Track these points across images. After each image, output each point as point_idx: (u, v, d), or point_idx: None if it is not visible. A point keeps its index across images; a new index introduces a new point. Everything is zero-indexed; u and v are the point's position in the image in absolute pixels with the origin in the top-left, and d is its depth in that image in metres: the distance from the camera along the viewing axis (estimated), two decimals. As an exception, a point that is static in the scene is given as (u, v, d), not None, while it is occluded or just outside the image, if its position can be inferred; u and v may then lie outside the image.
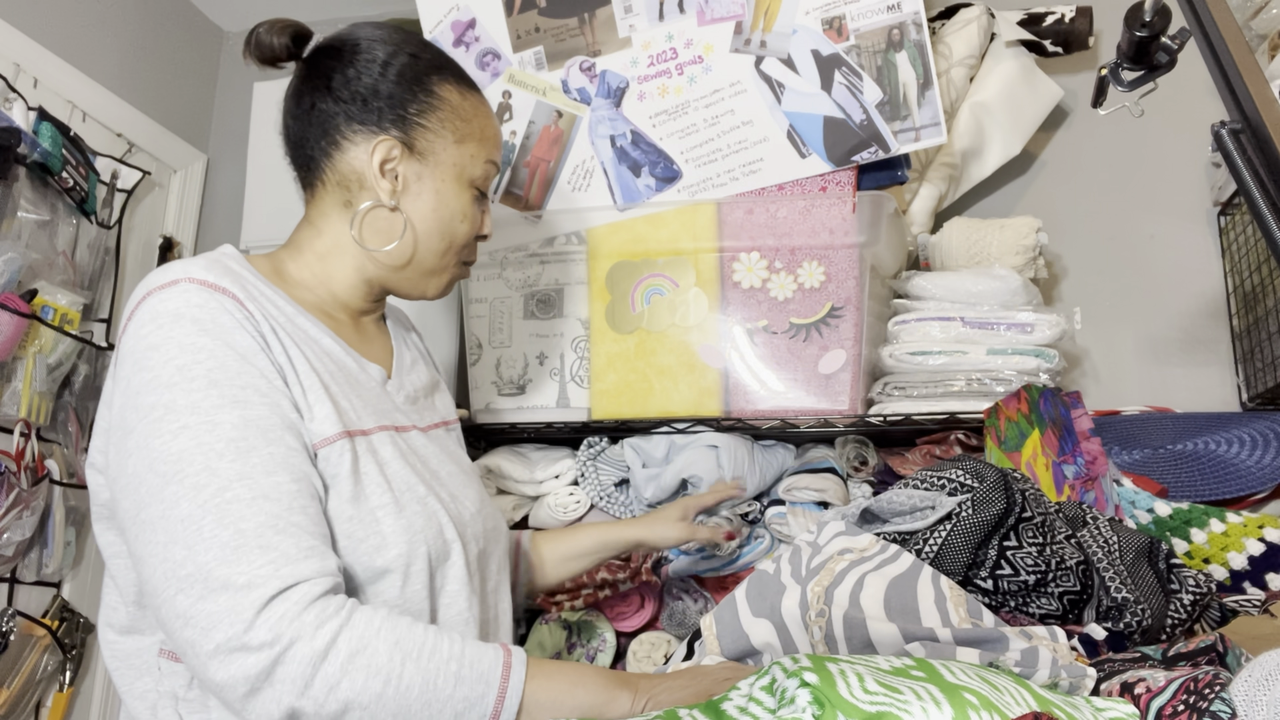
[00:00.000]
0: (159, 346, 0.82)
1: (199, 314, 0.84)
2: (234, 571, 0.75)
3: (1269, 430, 1.46)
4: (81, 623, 1.97)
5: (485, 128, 1.07)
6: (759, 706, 0.61)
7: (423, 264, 1.04)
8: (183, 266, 0.88)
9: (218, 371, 0.82)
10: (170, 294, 0.84)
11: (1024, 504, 0.97)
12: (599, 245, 1.60)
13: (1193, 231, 1.80)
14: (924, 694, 0.59)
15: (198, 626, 0.75)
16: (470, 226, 1.05)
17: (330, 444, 0.87)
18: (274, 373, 0.86)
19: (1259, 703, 0.59)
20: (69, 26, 2.05)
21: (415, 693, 0.77)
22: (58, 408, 1.94)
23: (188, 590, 0.76)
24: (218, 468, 0.78)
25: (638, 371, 1.56)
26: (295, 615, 0.76)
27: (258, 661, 0.74)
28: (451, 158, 1.03)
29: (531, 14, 1.59)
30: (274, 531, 0.78)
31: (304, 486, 0.82)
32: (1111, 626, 0.91)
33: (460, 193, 1.03)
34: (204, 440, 0.79)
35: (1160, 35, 1.04)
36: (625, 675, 0.87)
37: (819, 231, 1.50)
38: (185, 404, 0.80)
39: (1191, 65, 1.08)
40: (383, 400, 0.99)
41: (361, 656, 0.76)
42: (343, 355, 0.98)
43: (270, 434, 0.82)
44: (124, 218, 2.15)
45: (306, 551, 0.79)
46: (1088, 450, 1.34)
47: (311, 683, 0.75)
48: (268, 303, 0.92)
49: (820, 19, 1.47)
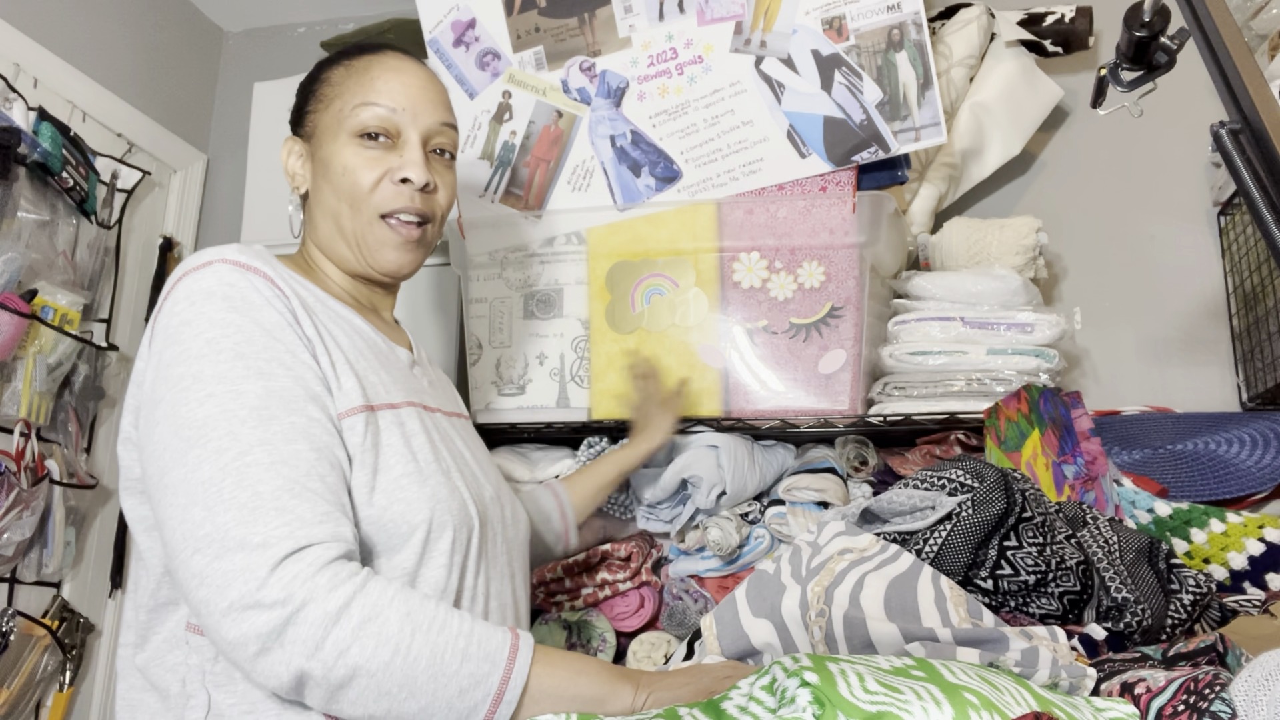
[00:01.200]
0: (191, 322, 0.86)
1: (229, 291, 0.87)
2: (249, 531, 0.77)
3: (1269, 430, 1.46)
4: (81, 623, 1.97)
5: (357, 80, 1.04)
6: (759, 706, 0.61)
7: (344, 231, 1.03)
8: (217, 250, 0.91)
9: (244, 345, 0.85)
10: (204, 274, 0.88)
11: (1024, 504, 0.97)
12: (599, 245, 1.60)
13: (1193, 231, 1.80)
14: (924, 694, 0.59)
15: (213, 585, 0.77)
16: (361, 175, 1.01)
17: (352, 416, 0.89)
18: (301, 347, 0.89)
19: (1259, 703, 0.59)
20: (69, 26, 2.05)
21: (422, 665, 0.78)
22: (58, 408, 1.94)
23: (204, 550, 0.78)
24: (240, 433, 0.81)
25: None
26: (309, 576, 0.77)
27: (269, 620, 0.76)
28: (325, 123, 1.04)
29: (531, 14, 1.59)
30: (290, 495, 0.80)
31: (323, 455, 0.85)
32: (1111, 626, 0.91)
33: (339, 149, 1.02)
34: (228, 408, 0.82)
35: (1159, 35, 1.04)
36: (628, 670, 0.88)
37: (819, 231, 1.50)
38: (212, 374, 0.83)
39: (1192, 65, 1.08)
40: (411, 380, 1.03)
41: (373, 624, 0.78)
42: (373, 335, 1.02)
43: (292, 404, 0.85)
44: (124, 218, 2.15)
45: (322, 516, 0.81)
46: (1088, 450, 1.34)
47: (322, 645, 0.76)
48: (299, 285, 0.95)
49: (820, 19, 1.47)
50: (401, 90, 1.03)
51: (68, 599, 1.96)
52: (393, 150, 1.02)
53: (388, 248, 1.03)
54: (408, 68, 1.06)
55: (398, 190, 1.02)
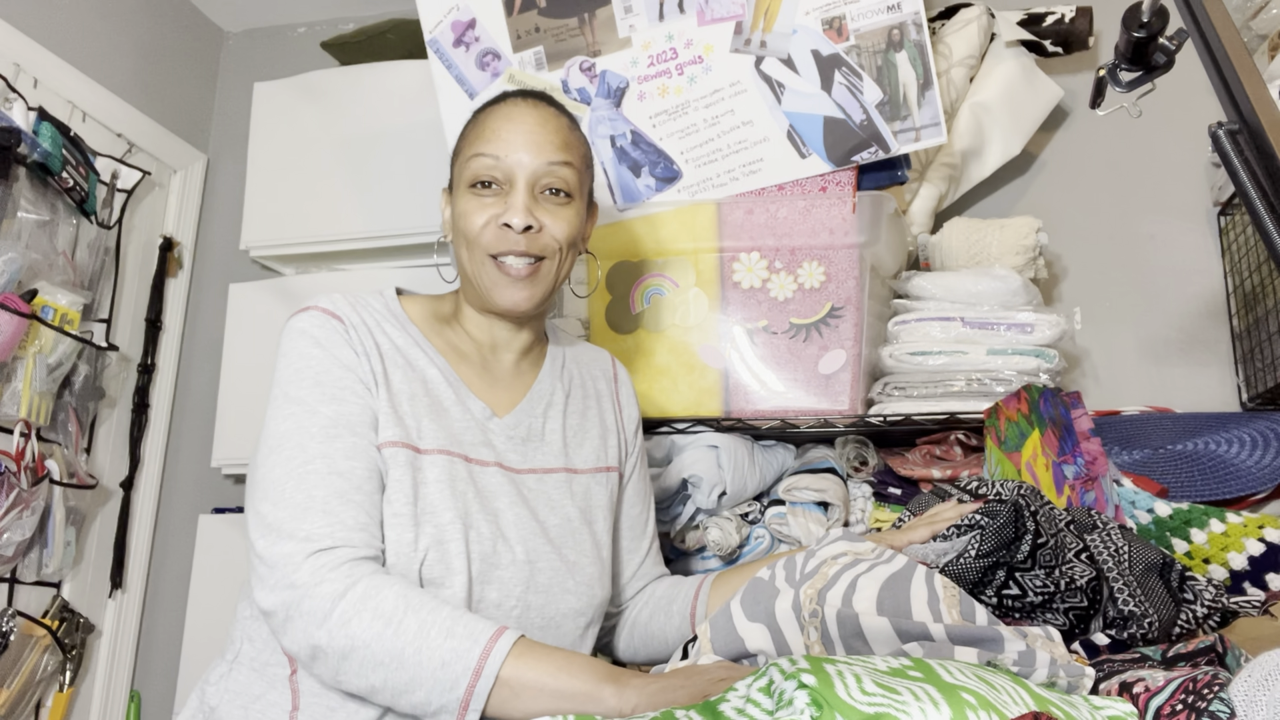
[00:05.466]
0: (285, 355, 1.05)
1: (317, 332, 1.04)
2: (298, 526, 0.94)
3: (1269, 430, 1.46)
4: (81, 623, 1.98)
5: (476, 133, 1.12)
6: (756, 708, 0.61)
7: (467, 273, 1.13)
8: (317, 298, 1.08)
9: (323, 375, 1.02)
10: (300, 318, 1.07)
11: (1038, 530, 0.96)
12: (599, 245, 1.60)
13: (1193, 231, 1.80)
14: (922, 694, 0.59)
15: (266, 564, 0.94)
16: (473, 220, 1.10)
17: (385, 447, 1.02)
18: (370, 380, 1.04)
19: (1258, 703, 0.59)
20: (69, 26, 2.05)
21: (409, 637, 0.88)
22: (58, 408, 1.94)
23: (265, 536, 0.95)
24: (308, 446, 0.98)
25: (638, 371, 1.56)
26: (333, 566, 0.92)
27: (295, 596, 0.91)
28: (456, 175, 1.15)
29: (531, 14, 1.59)
30: (339, 502, 0.96)
31: (373, 475, 1.00)
32: (1116, 635, 0.91)
33: (461, 199, 1.12)
34: (304, 424, 0.99)
35: (1158, 36, 1.04)
36: (617, 670, 0.88)
37: (819, 231, 1.50)
38: (295, 396, 1.01)
39: (1192, 65, 1.07)
40: (470, 432, 1.09)
41: (371, 600, 0.90)
42: (441, 385, 1.10)
43: (357, 429, 1.00)
44: (124, 218, 2.15)
45: (361, 525, 0.96)
46: (1088, 450, 1.34)
47: (330, 615, 0.90)
48: (382, 335, 1.09)
49: (820, 19, 1.47)
50: (508, 138, 1.10)
51: (68, 599, 1.96)
52: (503, 196, 1.10)
53: (499, 287, 1.10)
54: (520, 113, 1.12)
55: (501, 234, 1.09)
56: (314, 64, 2.20)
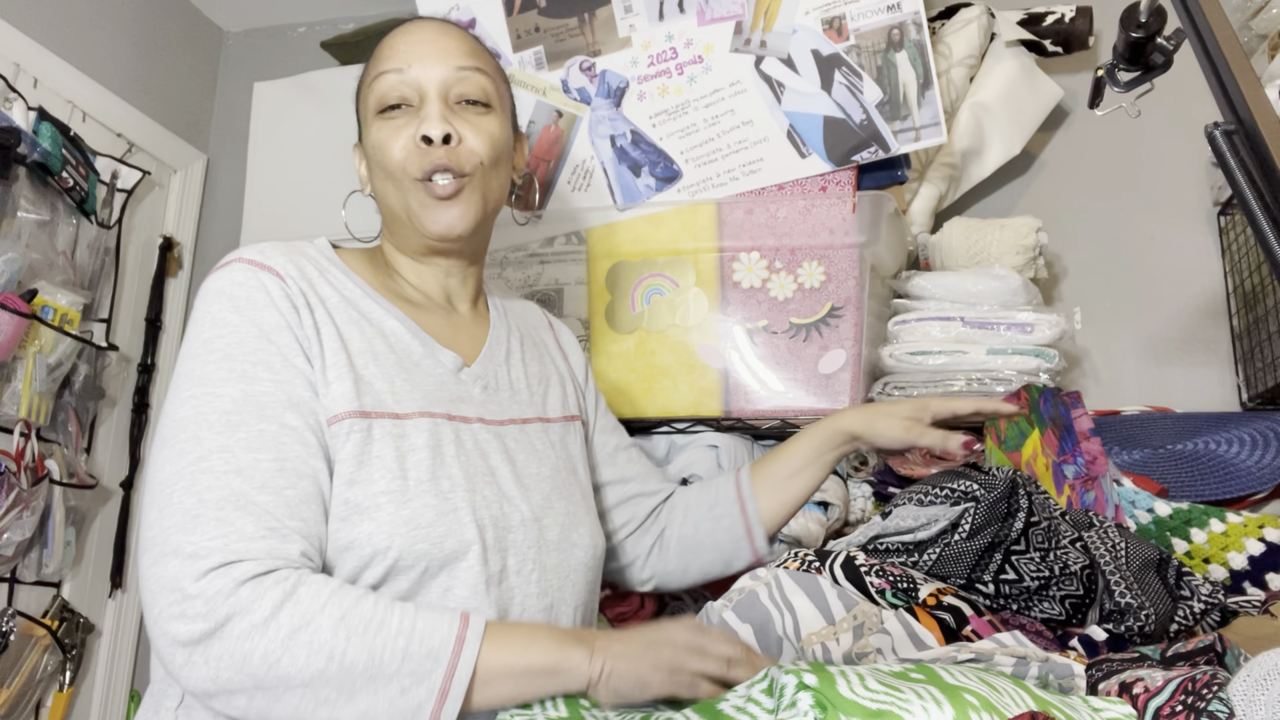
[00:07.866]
0: (197, 321, 0.88)
1: (236, 291, 0.88)
2: (186, 539, 0.77)
3: (1269, 430, 1.46)
4: (81, 623, 1.97)
5: (374, 59, 1.02)
6: (757, 706, 0.61)
7: (395, 211, 1.01)
8: (241, 249, 0.93)
9: (235, 346, 0.85)
10: (220, 273, 0.90)
11: (1030, 508, 0.97)
12: (599, 245, 1.60)
13: (1193, 231, 1.80)
14: (925, 694, 0.59)
15: (149, 589, 0.77)
16: (392, 145, 0.98)
17: (339, 421, 0.87)
18: (295, 350, 0.87)
19: (1257, 702, 0.59)
20: (69, 26, 2.05)
21: (359, 669, 0.75)
22: (58, 408, 1.94)
23: (149, 551, 0.78)
24: (204, 438, 0.81)
25: (638, 371, 1.56)
26: (231, 590, 0.75)
27: (192, 631, 0.74)
28: (361, 114, 1.04)
29: (531, 14, 1.59)
30: (234, 507, 0.78)
31: (286, 467, 0.82)
32: (1113, 629, 0.91)
33: (371, 132, 1.01)
34: (202, 410, 0.82)
35: (1156, 36, 1.04)
36: (580, 632, 0.84)
37: (819, 231, 1.50)
38: (198, 375, 0.84)
39: (1192, 65, 1.08)
40: (447, 388, 0.97)
41: (303, 633, 0.75)
42: (408, 339, 0.97)
43: (267, 411, 0.83)
44: (124, 218, 2.15)
45: (265, 532, 0.79)
46: (1088, 450, 1.34)
47: (249, 658, 0.74)
48: (326, 285, 0.94)
49: (820, 19, 1.47)
50: (409, 50, 0.99)
51: (68, 599, 1.96)
52: (415, 112, 0.99)
53: (428, 210, 0.99)
54: (416, 26, 1.02)
55: (422, 151, 0.97)
56: (314, 64, 2.20)
